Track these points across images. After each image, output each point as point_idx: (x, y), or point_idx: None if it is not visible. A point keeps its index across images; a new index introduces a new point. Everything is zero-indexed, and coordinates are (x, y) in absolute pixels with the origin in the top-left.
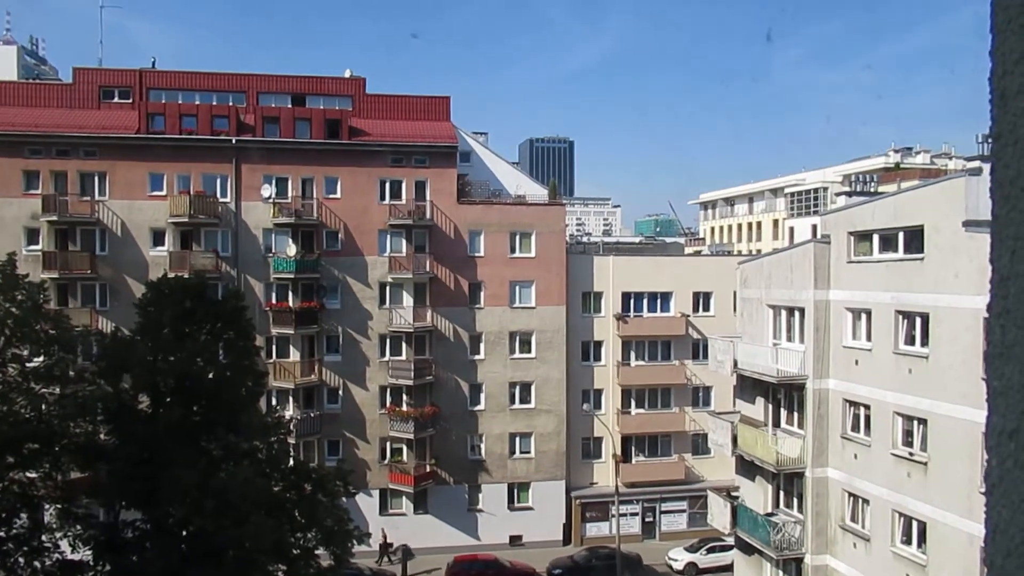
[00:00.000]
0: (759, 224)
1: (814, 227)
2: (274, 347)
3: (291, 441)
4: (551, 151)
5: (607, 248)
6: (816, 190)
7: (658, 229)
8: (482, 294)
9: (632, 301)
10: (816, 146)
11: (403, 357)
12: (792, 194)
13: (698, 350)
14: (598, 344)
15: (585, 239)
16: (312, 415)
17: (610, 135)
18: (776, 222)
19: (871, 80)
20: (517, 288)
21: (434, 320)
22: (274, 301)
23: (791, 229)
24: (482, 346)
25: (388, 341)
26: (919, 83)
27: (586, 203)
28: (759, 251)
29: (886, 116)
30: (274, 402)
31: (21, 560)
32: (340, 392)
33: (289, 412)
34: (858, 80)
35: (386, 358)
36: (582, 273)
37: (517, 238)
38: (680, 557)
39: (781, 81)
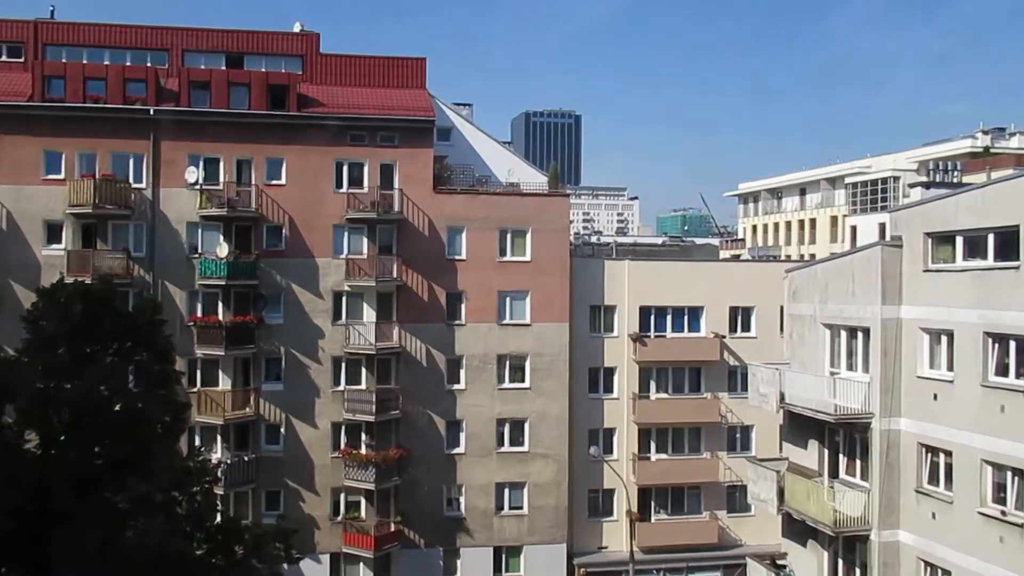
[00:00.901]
0: (813, 222)
1: (882, 226)
2: (199, 372)
3: (219, 491)
4: (552, 128)
5: (622, 251)
6: (885, 180)
7: (686, 228)
8: (463, 307)
9: (653, 318)
10: (884, 126)
11: (362, 386)
12: (855, 185)
13: (735, 380)
14: (609, 372)
15: (594, 239)
16: (246, 459)
17: (625, 109)
18: (834, 219)
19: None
20: (508, 300)
21: (402, 339)
22: (200, 314)
23: (853, 228)
24: (463, 373)
25: (344, 366)
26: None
27: (596, 194)
28: (813, 256)
29: (972, 89)
30: (198, 442)
31: None
32: (282, 430)
33: (217, 455)
34: (931, 45)
35: (341, 387)
36: (590, 282)
37: (509, 237)
38: None
39: (837, 47)
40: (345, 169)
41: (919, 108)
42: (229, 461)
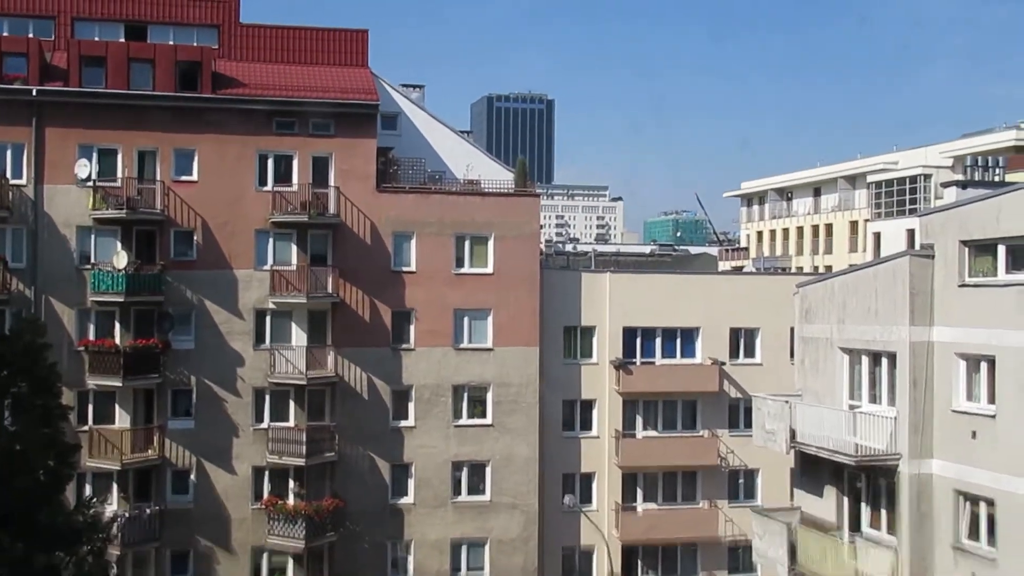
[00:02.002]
0: (829, 227)
1: (910, 233)
2: (91, 407)
3: (114, 552)
4: (520, 115)
5: (603, 261)
6: (914, 179)
7: (679, 234)
8: (413, 328)
9: (639, 341)
10: (914, 115)
11: (290, 423)
12: (878, 184)
13: (737, 415)
14: (588, 405)
15: (570, 247)
16: (148, 511)
17: (606, 94)
18: (854, 225)
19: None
20: (466, 320)
21: (339, 367)
22: (92, 337)
23: (876, 236)
24: (412, 407)
25: (268, 399)
26: None
27: (571, 193)
28: (829, 268)
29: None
30: (89, 491)
31: None
32: (192, 476)
33: (112, 506)
34: (978, 16)
35: (264, 424)
36: (565, 298)
37: (467, 245)
38: None
39: (865, 24)
40: (270, 163)
41: (957, 91)
42: (127, 515)
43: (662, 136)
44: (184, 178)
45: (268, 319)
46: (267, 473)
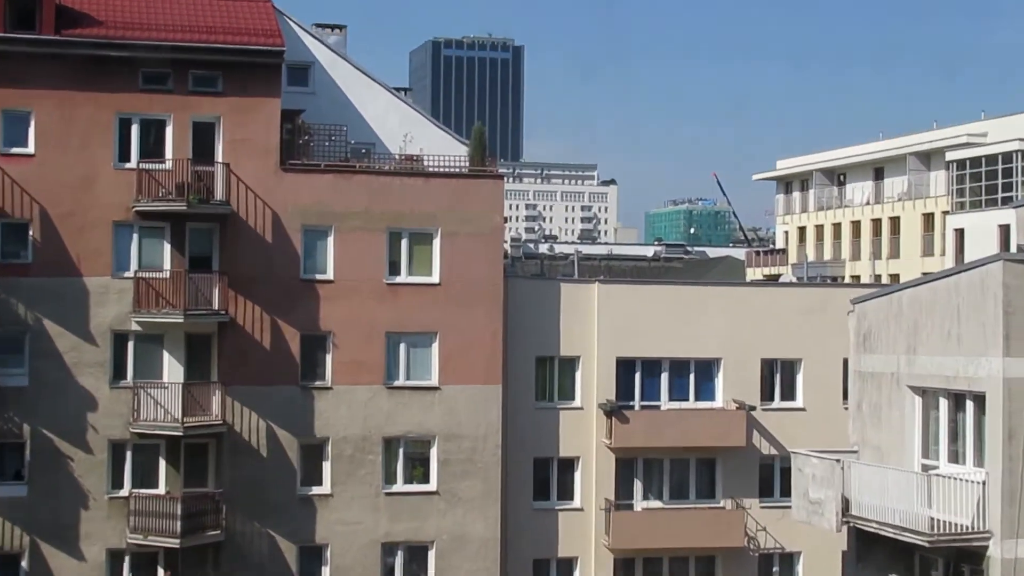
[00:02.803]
0: (895, 222)
1: (1003, 229)
2: None
3: None
4: (477, 67)
5: (589, 267)
6: (1008, 156)
7: (692, 230)
8: (329, 359)
9: (639, 377)
10: (1005, 72)
11: (160, 489)
12: (961, 164)
13: (770, 479)
14: (568, 465)
15: (545, 247)
16: None
17: (593, 38)
18: (929, 217)
19: None
20: (402, 348)
21: (228, 412)
22: None
23: (959, 233)
24: (327, 468)
25: (130, 455)
26: None
27: (547, 175)
28: (895, 277)
29: None
30: None
31: None
32: (24, 563)
33: None
34: None
35: (124, 491)
36: (538, 318)
37: (404, 244)
38: None
39: None
40: (135, 130)
41: None
42: None
43: (669, 95)
44: (15, 151)
45: (131, 345)
46: (127, 559)
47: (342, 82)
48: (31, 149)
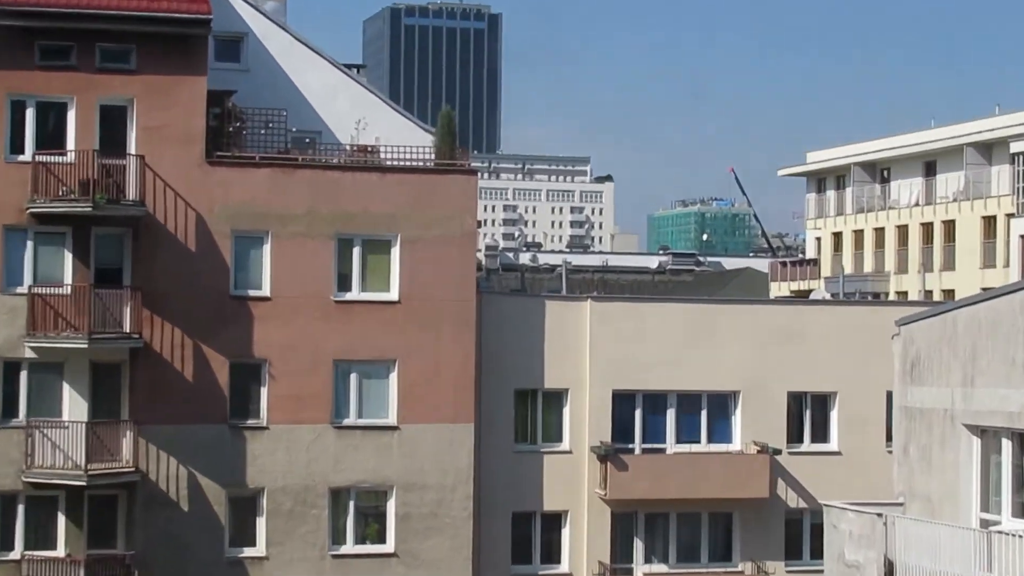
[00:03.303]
0: (950, 226)
1: None
2: None
3: None
4: (445, 40)
5: (580, 281)
6: None
7: (706, 236)
8: (264, 393)
9: (639, 414)
10: None
11: (59, 551)
12: None
13: (799, 536)
14: (554, 521)
15: (527, 256)
16: None
17: (582, 7)
18: (990, 221)
19: None
20: (353, 379)
21: (142, 457)
22: None
23: None
24: (262, 524)
25: (23, 510)
26: None
27: (530, 170)
28: (950, 294)
29: None
30: None
31: None
32: None
33: None
34: None
35: (15, 553)
36: (518, 343)
37: (356, 253)
38: None
39: None
40: (29, 115)
41: None
42: None
43: (678, 74)
44: None
45: (24, 376)
46: None
47: (281, 58)
48: None
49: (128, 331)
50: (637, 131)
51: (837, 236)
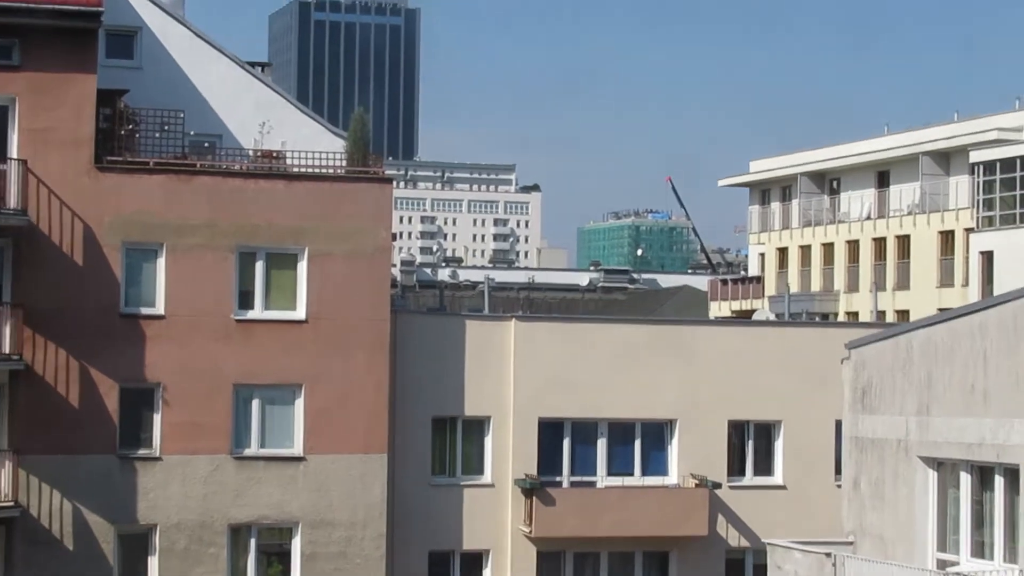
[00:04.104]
0: (904, 241)
1: None
2: None
3: None
4: (359, 37)
5: (504, 300)
6: None
7: (640, 251)
8: (158, 420)
9: (567, 444)
10: None
11: None
12: (989, 167)
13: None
14: (473, 561)
15: (447, 272)
16: None
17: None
18: (947, 236)
19: None
20: (255, 405)
21: (21, 489)
22: None
23: (985, 256)
24: (154, 564)
25: None
26: None
27: (450, 179)
28: (904, 315)
29: None
30: None
31: None
32: None
33: None
34: None
35: None
36: (436, 367)
37: (260, 268)
38: None
39: None
40: None
41: None
42: None
43: (612, 74)
44: None
45: None
46: None
47: (179, 54)
48: None
49: (8, 352)
50: (567, 136)
51: (782, 252)
